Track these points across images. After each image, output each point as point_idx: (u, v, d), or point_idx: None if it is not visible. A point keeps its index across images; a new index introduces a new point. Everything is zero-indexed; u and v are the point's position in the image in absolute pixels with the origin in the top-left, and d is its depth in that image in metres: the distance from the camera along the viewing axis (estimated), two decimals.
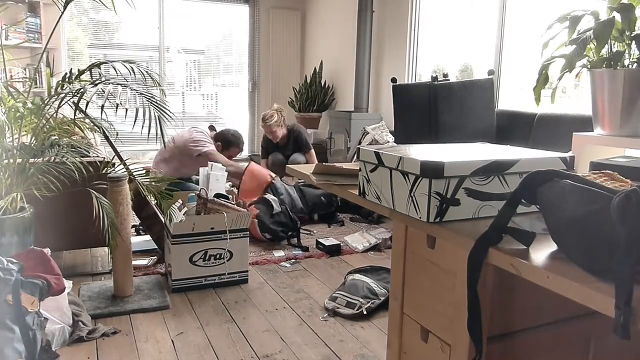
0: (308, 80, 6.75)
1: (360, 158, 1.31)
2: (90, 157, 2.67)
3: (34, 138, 2.37)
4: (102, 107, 2.37)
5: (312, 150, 4.98)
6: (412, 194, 1.13)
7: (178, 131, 4.22)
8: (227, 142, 4.33)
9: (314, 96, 6.62)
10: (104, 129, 2.55)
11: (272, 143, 4.97)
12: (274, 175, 4.11)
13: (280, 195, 3.84)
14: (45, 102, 2.37)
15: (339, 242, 3.48)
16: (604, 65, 1.66)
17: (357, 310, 2.49)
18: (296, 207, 3.95)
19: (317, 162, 4.26)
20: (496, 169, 1.13)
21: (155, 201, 2.65)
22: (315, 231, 3.86)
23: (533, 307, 1.11)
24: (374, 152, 1.25)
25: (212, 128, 4.51)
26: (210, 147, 4.17)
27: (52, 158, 2.36)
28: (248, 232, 2.87)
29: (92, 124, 2.54)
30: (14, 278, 1.80)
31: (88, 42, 6.50)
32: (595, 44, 1.61)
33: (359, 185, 1.35)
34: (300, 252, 3.40)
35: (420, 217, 1.11)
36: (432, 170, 1.07)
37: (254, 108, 7.36)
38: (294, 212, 3.80)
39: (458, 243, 1.04)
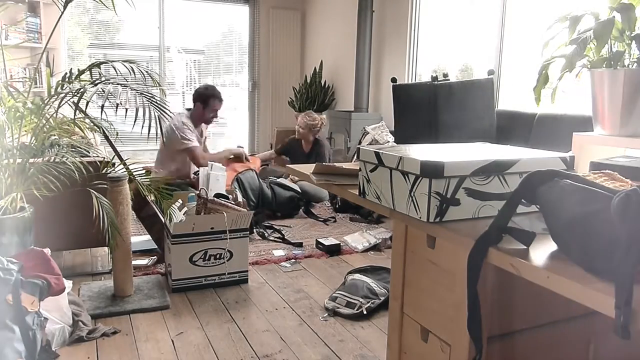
0: (308, 80, 6.75)
1: (360, 158, 1.31)
2: (90, 157, 2.67)
3: (34, 138, 2.37)
4: (102, 107, 2.37)
5: None
6: (412, 194, 1.13)
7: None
8: (204, 97, 4.10)
9: (314, 96, 6.62)
10: (104, 129, 2.54)
11: (300, 148, 4.91)
12: (253, 167, 4.22)
13: (248, 187, 3.91)
14: (45, 102, 2.36)
15: (339, 242, 3.48)
16: (604, 65, 1.66)
17: (357, 310, 2.49)
18: (265, 201, 4.10)
19: None
20: (496, 169, 1.13)
21: (155, 199, 2.64)
22: (291, 226, 3.97)
23: (533, 307, 1.11)
24: (374, 152, 1.25)
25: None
26: (194, 143, 4.04)
27: (52, 158, 2.36)
28: (248, 232, 2.88)
29: (92, 124, 2.54)
30: (14, 278, 1.80)
31: (88, 42, 6.50)
32: (595, 44, 1.61)
33: (359, 185, 1.35)
34: (300, 251, 3.40)
35: (420, 217, 1.11)
36: (432, 170, 1.07)
37: (254, 108, 7.36)
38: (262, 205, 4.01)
39: (458, 243, 1.04)
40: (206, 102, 4.09)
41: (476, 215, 1.13)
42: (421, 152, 1.22)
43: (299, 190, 4.34)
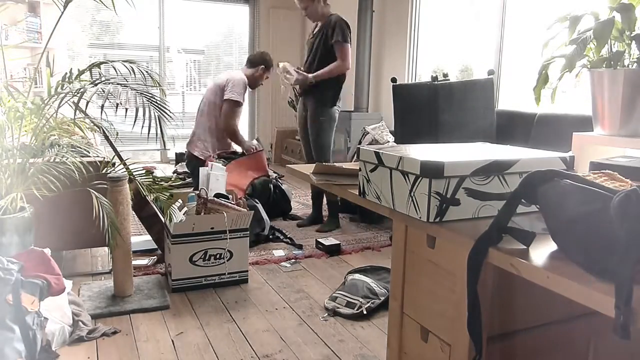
0: None
1: (360, 158, 1.31)
2: (90, 157, 2.67)
3: (34, 138, 2.37)
4: (102, 107, 2.37)
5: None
6: (412, 194, 1.13)
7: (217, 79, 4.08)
8: (269, 62, 4.17)
9: None
10: (104, 129, 2.54)
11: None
12: (270, 174, 4.16)
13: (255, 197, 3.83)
14: (45, 102, 2.36)
15: (339, 242, 3.48)
16: (604, 65, 1.66)
17: (357, 310, 2.49)
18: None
19: None
20: (496, 168, 1.13)
21: (155, 199, 2.64)
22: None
23: (533, 307, 1.11)
24: (374, 152, 1.25)
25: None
26: (240, 99, 3.93)
27: (52, 158, 2.36)
28: (248, 232, 2.87)
29: (92, 124, 2.54)
30: (14, 278, 1.80)
31: (88, 42, 6.50)
32: (595, 44, 1.61)
33: (359, 185, 1.35)
34: (300, 251, 3.40)
35: (420, 217, 1.11)
36: (432, 170, 1.07)
37: (254, 108, 7.36)
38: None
39: (458, 243, 1.04)
40: (270, 67, 4.17)
41: (476, 215, 1.13)
42: (421, 152, 1.22)
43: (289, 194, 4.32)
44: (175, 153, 6.48)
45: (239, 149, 4.11)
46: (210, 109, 3.97)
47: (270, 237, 3.64)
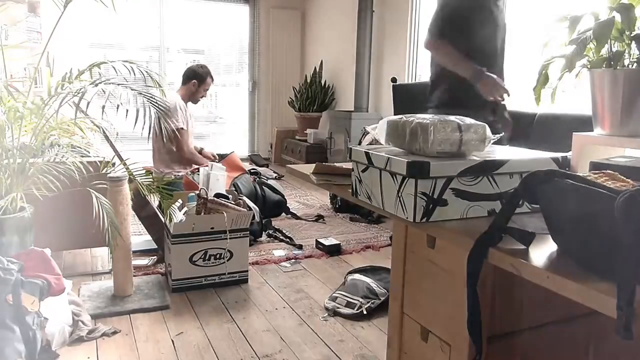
0: (308, 80, 6.75)
1: (352, 158, 1.32)
2: (90, 157, 2.67)
3: (34, 138, 2.37)
4: (103, 107, 2.37)
5: None
6: (399, 194, 1.13)
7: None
8: (201, 74, 4.08)
9: (314, 96, 6.62)
10: (104, 129, 2.54)
11: None
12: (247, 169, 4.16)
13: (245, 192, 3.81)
14: (45, 102, 2.36)
15: (339, 242, 3.48)
16: (604, 65, 1.66)
17: (357, 310, 2.49)
18: (256, 203, 3.94)
19: None
20: (484, 169, 1.12)
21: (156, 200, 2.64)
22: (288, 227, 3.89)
23: (533, 307, 1.11)
24: (364, 152, 1.25)
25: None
26: (179, 125, 3.83)
27: (52, 158, 2.36)
28: (248, 232, 2.87)
29: (92, 124, 2.54)
30: (14, 278, 1.80)
31: (88, 42, 6.49)
32: (595, 44, 1.61)
33: (351, 185, 1.35)
34: (300, 251, 3.40)
35: (407, 217, 1.11)
36: (417, 171, 1.07)
37: (254, 108, 7.36)
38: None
39: (458, 243, 1.04)
40: (203, 79, 4.06)
41: (464, 215, 1.13)
42: None
43: (284, 194, 4.30)
44: None
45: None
46: (154, 141, 3.91)
47: (267, 231, 3.67)
